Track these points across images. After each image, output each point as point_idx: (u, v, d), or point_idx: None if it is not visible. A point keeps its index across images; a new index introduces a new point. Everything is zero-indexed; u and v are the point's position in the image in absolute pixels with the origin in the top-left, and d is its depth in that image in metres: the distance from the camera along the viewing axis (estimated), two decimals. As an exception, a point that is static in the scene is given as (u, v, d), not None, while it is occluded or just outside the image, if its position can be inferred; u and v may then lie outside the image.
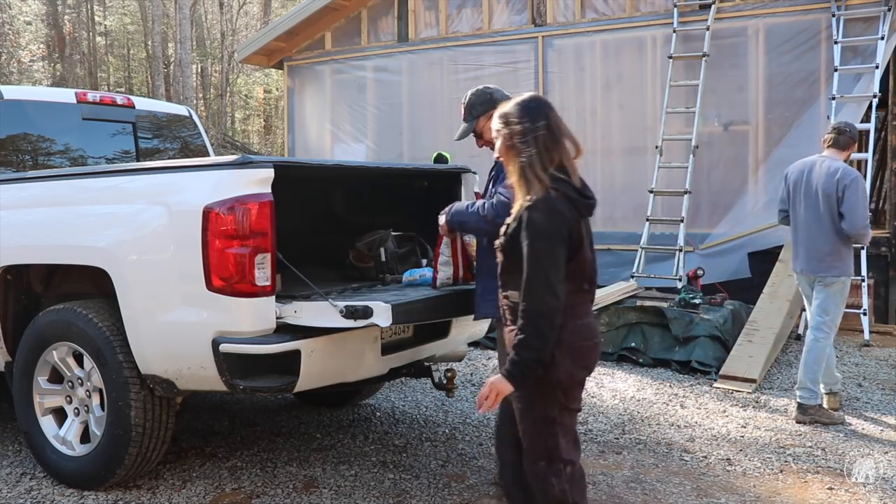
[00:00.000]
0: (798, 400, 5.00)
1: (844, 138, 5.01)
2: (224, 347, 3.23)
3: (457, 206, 3.47)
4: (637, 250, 8.06)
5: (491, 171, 3.57)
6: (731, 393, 5.68)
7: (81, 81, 22.66)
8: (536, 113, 2.63)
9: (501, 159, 2.74)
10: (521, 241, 2.55)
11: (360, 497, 3.76)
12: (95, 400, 3.75)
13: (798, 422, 4.97)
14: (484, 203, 3.32)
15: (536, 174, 2.56)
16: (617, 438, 4.70)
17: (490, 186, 3.54)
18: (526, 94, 2.75)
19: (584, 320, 2.65)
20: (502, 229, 2.69)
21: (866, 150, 8.09)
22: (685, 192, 8.01)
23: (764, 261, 7.73)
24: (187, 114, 5.82)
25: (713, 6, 8.26)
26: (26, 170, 4.75)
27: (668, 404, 5.43)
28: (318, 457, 4.31)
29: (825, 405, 5.08)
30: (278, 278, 3.34)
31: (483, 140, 3.58)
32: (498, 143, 2.72)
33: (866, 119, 7.72)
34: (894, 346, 7.10)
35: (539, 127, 2.60)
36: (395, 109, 10.35)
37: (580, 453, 2.79)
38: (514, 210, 2.63)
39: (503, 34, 9.56)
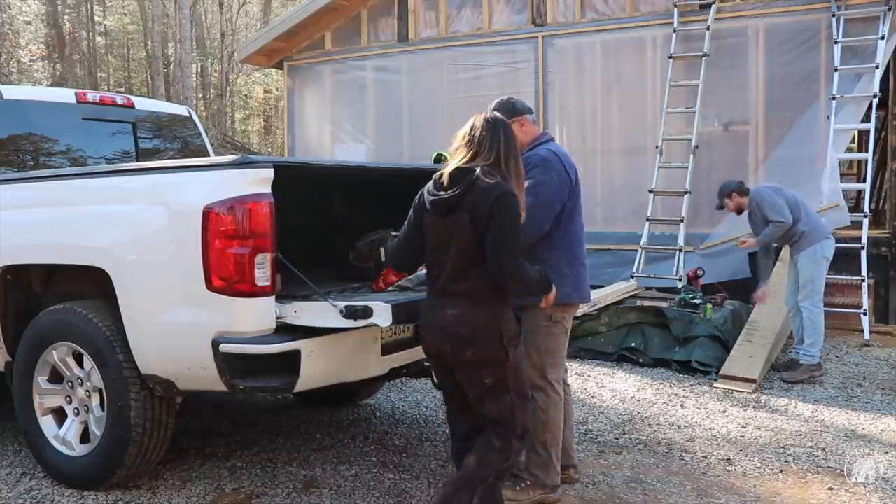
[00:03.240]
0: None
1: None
2: (224, 347, 3.22)
3: None
4: (637, 250, 8.06)
5: None
6: (731, 393, 5.68)
7: (81, 81, 22.64)
8: None
9: None
10: None
11: (360, 497, 3.76)
12: (95, 400, 3.75)
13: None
14: None
15: None
16: (617, 438, 4.70)
17: None
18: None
19: None
20: None
21: (866, 150, 8.08)
22: (685, 192, 8.01)
23: (764, 261, 7.72)
24: (187, 114, 5.82)
25: (713, 6, 8.26)
26: (26, 170, 4.75)
27: (668, 404, 5.43)
28: (318, 457, 4.30)
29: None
30: (278, 278, 3.34)
31: None
32: None
33: (866, 119, 7.72)
34: (894, 346, 7.10)
35: None
36: (395, 109, 10.33)
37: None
38: None
39: (503, 34, 9.55)
